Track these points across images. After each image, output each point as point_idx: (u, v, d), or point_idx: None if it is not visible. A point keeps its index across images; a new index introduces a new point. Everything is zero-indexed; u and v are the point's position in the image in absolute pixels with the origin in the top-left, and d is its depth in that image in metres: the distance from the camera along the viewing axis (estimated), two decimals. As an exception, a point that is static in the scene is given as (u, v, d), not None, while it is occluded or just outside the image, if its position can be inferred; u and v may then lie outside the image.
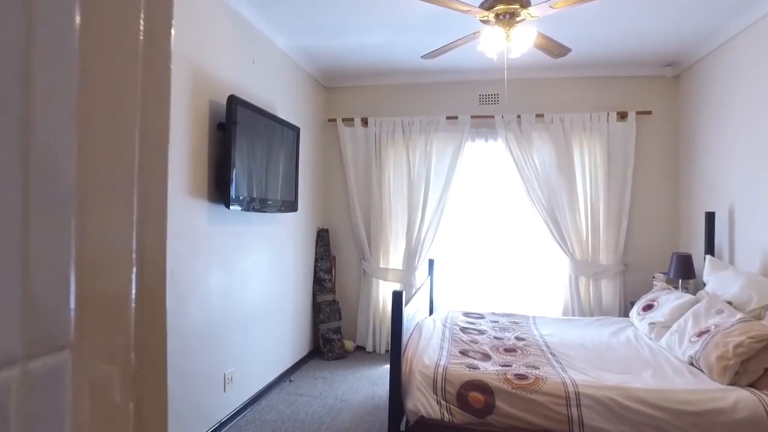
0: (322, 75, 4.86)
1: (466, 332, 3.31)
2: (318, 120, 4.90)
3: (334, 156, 5.09)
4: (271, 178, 3.61)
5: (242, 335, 3.41)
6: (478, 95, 4.81)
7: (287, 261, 4.19)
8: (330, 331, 4.71)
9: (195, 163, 2.87)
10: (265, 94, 3.73)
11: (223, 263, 3.16)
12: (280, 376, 4.01)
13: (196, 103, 2.88)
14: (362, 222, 4.91)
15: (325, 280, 4.81)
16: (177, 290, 2.71)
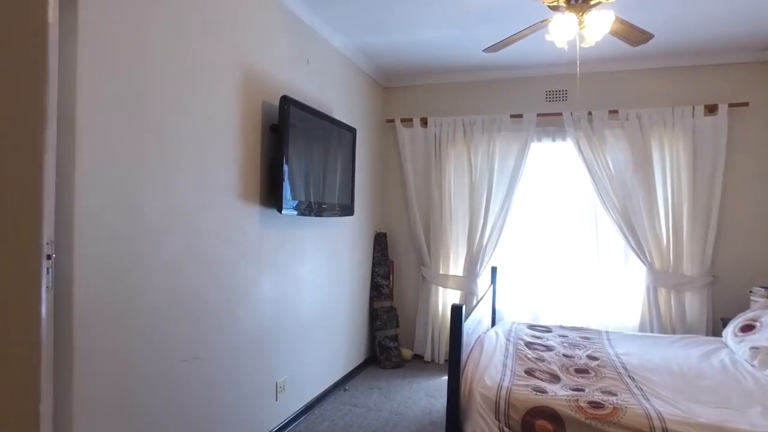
0: (380, 74, 4.70)
1: (531, 348, 3.01)
2: (376, 121, 4.74)
3: (393, 158, 4.92)
4: (327, 181, 3.48)
5: (296, 342, 3.29)
6: (544, 92, 4.46)
7: (343, 266, 4.06)
8: (387, 339, 4.53)
9: (247, 167, 2.78)
10: (320, 95, 3.62)
11: (275, 269, 3.06)
12: (335, 384, 3.88)
13: (248, 105, 2.79)
14: (421, 226, 4.70)
15: (383, 285, 4.63)
16: (228, 297, 2.63)
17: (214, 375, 2.53)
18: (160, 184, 2.18)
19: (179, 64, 2.29)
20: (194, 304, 2.39)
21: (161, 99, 2.19)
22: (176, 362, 2.28)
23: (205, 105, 2.46)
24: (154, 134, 2.15)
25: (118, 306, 1.99)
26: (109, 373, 1.95)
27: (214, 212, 2.52)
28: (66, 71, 1.81)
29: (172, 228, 2.25)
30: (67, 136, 1.81)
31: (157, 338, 2.17)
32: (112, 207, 1.95)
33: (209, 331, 2.49)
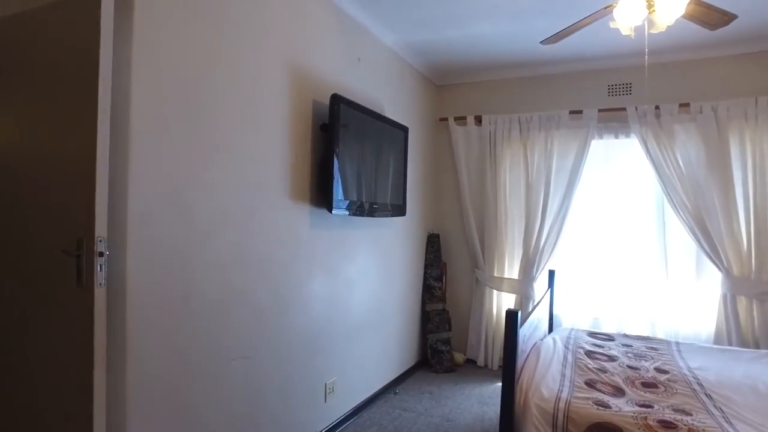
0: (432, 72, 4.58)
1: (592, 357, 2.80)
2: (428, 119, 4.63)
3: (446, 157, 4.78)
4: (378, 180, 3.41)
5: (346, 343, 3.24)
6: (606, 86, 4.19)
7: (395, 267, 3.98)
8: (439, 342, 4.41)
9: (297, 166, 2.76)
10: (371, 94, 3.55)
11: (326, 269, 3.02)
12: (385, 387, 3.80)
13: (298, 104, 2.77)
14: (475, 227, 4.54)
15: (435, 287, 4.51)
16: (279, 296, 2.61)
17: (264, 374, 2.51)
18: (210, 183, 2.18)
19: (230, 63, 2.29)
20: (244, 304, 2.38)
21: (212, 98, 2.19)
22: (226, 361, 2.28)
23: (256, 104, 2.45)
24: (204, 133, 2.16)
25: (170, 305, 2.00)
26: (161, 371, 1.97)
27: (264, 212, 2.51)
28: (121, 71, 1.83)
29: (222, 228, 2.25)
30: (121, 134, 1.83)
31: (208, 337, 2.18)
32: (163, 206, 1.97)
33: (259, 331, 2.48)
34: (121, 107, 1.83)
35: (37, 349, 1.85)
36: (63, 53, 1.81)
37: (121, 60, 1.83)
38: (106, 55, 1.69)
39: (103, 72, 1.68)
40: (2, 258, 1.98)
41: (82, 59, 1.70)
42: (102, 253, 1.66)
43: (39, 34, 1.91)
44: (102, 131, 1.68)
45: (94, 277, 1.64)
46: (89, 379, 1.66)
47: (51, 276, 1.78)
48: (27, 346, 1.89)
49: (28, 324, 1.89)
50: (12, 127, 2.01)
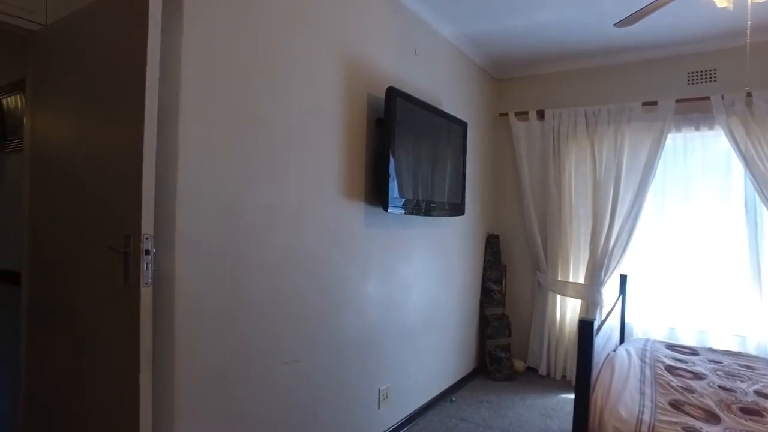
0: (491, 65, 4.33)
1: (675, 374, 2.48)
2: (487, 115, 4.37)
3: (506, 154, 4.51)
4: (435, 178, 3.22)
5: (400, 348, 3.07)
6: (685, 73, 3.78)
7: (452, 269, 3.77)
8: (498, 348, 4.15)
9: (351, 163, 2.62)
10: (428, 88, 3.37)
11: (381, 270, 2.87)
12: (441, 394, 3.60)
13: (353, 98, 2.63)
14: (538, 228, 4.24)
15: (495, 291, 4.26)
16: (332, 298, 2.48)
17: (316, 379, 2.39)
18: (260, 179, 2.08)
19: (282, 55, 2.18)
20: (295, 305, 2.26)
21: (263, 92, 2.09)
22: (277, 365, 2.17)
23: (309, 98, 2.33)
24: (255, 127, 2.05)
25: (218, 305, 1.91)
26: (210, 373, 1.87)
27: (317, 210, 2.39)
28: (171, 67, 1.75)
29: (272, 226, 2.14)
30: (170, 129, 1.75)
31: (258, 339, 2.07)
32: (212, 203, 1.87)
33: (311, 334, 2.36)
34: (170, 103, 1.75)
35: (87, 347, 1.80)
36: (112, 52, 1.75)
37: (171, 55, 1.75)
38: (154, 53, 1.60)
39: (150, 68, 1.60)
40: (57, 254, 1.97)
41: (130, 57, 1.64)
42: (148, 251, 1.57)
43: (89, 34, 1.87)
44: (149, 127, 1.59)
45: (140, 276, 1.56)
46: (135, 382, 1.58)
47: (101, 273, 1.72)
48: (77, 344, 1.85)
49: (79, 322, 1.85)
50: (65, 126, 1.99)
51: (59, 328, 1.95)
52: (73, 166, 1.91)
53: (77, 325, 1.85)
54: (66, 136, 1.98)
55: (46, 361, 2.02)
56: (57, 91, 2.03)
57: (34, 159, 2.12)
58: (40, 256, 2.07)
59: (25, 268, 2.13)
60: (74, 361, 1.86)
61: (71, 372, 1.88)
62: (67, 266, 1.90)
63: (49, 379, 2.00)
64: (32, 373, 2.09)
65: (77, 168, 1.89)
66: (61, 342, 1.94)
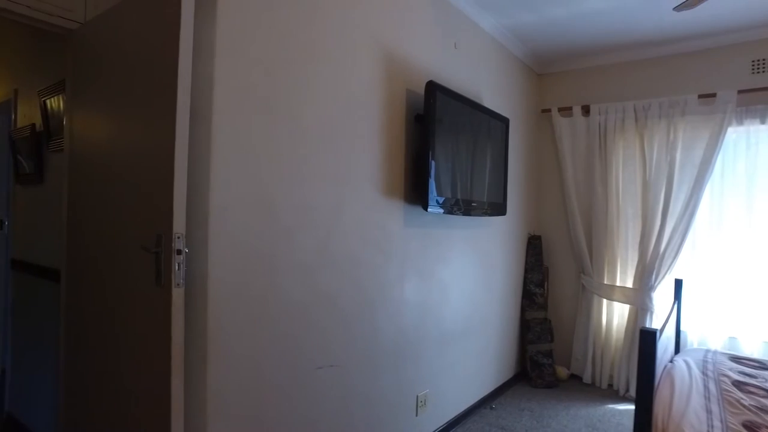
0: (533, 59, 4.12)
1: (744, 390, 2.24)
2: (529, 111, 4.17)
3: (548, 151, 4.29)
4: (476, 176, 3.06)
5: (439, 352, 2.93)
6: (749, 62, 3.47)
7: (492, 271, 3.59)
8: (540, 354, 3.94)
9: (389, 160, 2.49)
10: (468, 83, 3.21)
11: (418, 272, 2.73)
12: (481, 401, 3.43)
13: (392, 94, 2.50)
14: (582, 229, 4.01)
15: (536, 294, 4.05)
16: (368, 300, 2.36)
17: (351, 385, 2.28)
18: (295, 177, 1.98)
19: (317, 50, 2.08)
20: (330, 308, 2.16)
21: (298, 87, 1.99)
22: (311, 369, 2.07)
23: (345, 93, 2.22)
24: (289, 124, 1.96)
25: (252, 307, 1.82)
26: (242, 377, 1.79)
27: (353, 209, 2.27)
28: (204, 62, 1.67)
29: (308, 225, 2.04)
30: (204, 126, 1.67)
31: (291, 343, 1.97)
32: (245, 202, 1.79)
33: (346, 337, 2.25)
34: (204, 101, 1.67)
35: (119, 348, 1.75)
36: (144, 49, 1.69)
37: (204, 51, 1.67)
38: (186, 49, 1.52)
39: (182, 64, 1.52)
40: (93, 252, 1.92)
41: (162, 54, 1.56)
42: (180, 250, 1.49)
43: (122, 31, 1.82)
44: (181, 124, 1.52)
45: (172, 276, 1.49)
46: (167, 386, 1.51)
47: (134, 273, 1.66)
48: (110, 344, 1.80)
49: (113, 322, 1.79)
50: (101, 124, 1.94)
51: (94, 327, 1.91)
52: (108, 164, 1.86)
53: (111, 324, 1.79)
54: (101, 134, 1.93)
55: (82, 358, 1.98)
56: (93, 89, 1.99)
57: (72, 158, 2.09)
58: (77, 254, 2.03)
59: (64, 266, 2.10)
60: (107, 361, 1.81)
61: (105, 372, 1.83)
62: (102, 265, 1.85)
63: (84, 376, 1.96)
64: (69, 369, 2.06)
65: (112, 166, 1.84)
66: (95, 341, 1.89)
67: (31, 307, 2.81)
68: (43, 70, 2.76)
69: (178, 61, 1.51)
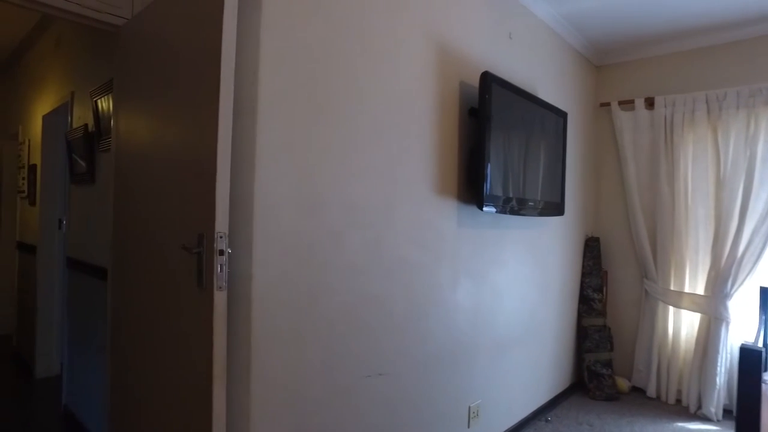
0: (591, 50, 3.84)
1: None
2: (586, 105, 3.88)
3: (607, 148, 3.99)
4: (533, 174, 2.84)
5: (492, 360, 2.73)
6: (844, 46, 3.07)
7: (548, 275, 3.34)
8: (598, 364, 3.65)
9: (443, 156, 2.32)
10: (523, 75, 2.99)
11: (471, 275, 2.54)
12: (535, 412, 3.19)
13: (444, 86, 2.33)
14: (645, 230, 3.68)
15: (594, 300, 3.76)
16: (419, 304, 2.20)
17: (400, 394, 2.12)
18: (344, 174, 1.84)
19: (366, 39, 1.93)
20: (380, 312, 2.01)
21: (347, 80, 1.85)
22: (359, 377, 1.92)
23: (396, 85, 2.07)
24: (338, 117, 1.82)
25: (298, 311, 1.69)
26: (288, 384, 1.66)
27: (404, 208, 2.11)
28: (249, 53, 1.56)
29: (356, 225, 1.90)
30: (248, 122, 1.56)
31: (338, 349, 1.84)
32: (291, 200, 1.66)
33: (396, 344, 2.09)
34: (248, 96, 1.56)
35: (162, 352, 1.66)
36: (186, 43, 1.60)
37: (249, 41, 1.56)
38: (229, 42, 1.41)
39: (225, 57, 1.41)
40: (138, 253, 1.85)
41: (205, 48, 1.46)
42: (222, 251, 1.38)
43: (165, 25, 1.73)
44: (224, 117, 1.40)
45: (213, 278, 1.37)
46: (208, 394, 1.40)
47: (176, 275, 1.57)
48: (152, 346, 1.72)
49: (155, 324, 1.71)
50: (144, 121, 1.87)
51: (137, 328, 1.84)
52: (152, 162, 1.79)
53: (154, 326, 1.71)
54: (145, 131, 1.86)
55: (127, 358, 1.92)
56: (137, 86, 1.93)
57: (118, 157, 2.04)
58: (122, 253, 1.98)
59: (110, 266, 2.05)
60: (151, 363, 1.73)
61: (148, 374, 1.75)
62: (146, 265, 1.78)
63: (129, 376, 1.90)
64: (115, 368, 2.00)
65: (156, 164, 1.76)
66: (139, 342, 1.82)
67: (85, 305, 2.81)
68: (96, 71, 2.76)
69: (221, 51, 1.41)
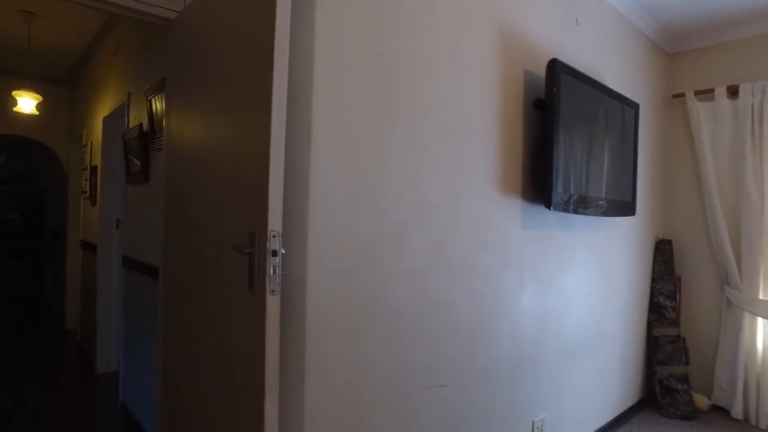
0: (663, 36, 3.51)
1: None
2: (656, 96, 3.55)
3: (680, 142, 3.64)
4: (602, 171, 2.58)
5: (557, 371, 2.50)
6: None
7: (615, 279, 3.06)
8: (672, 378, 3.32)
9: (507, 151, 2.13)
10: (589, 64, 2.73)
11: (537, 279, 2.33)
12: (603, 428, 2.92)
13: (508, 74, 2.14)
14: (726, 232, 3.32)
15: (666, 307, 3.43)
16: (482, 311, 2.01)
17: (461, 408, 1.94)
18: (404, 169, 1.69)
19: (427, 23, 1.77)
20: (442, 318, 1.84)
21: (404, 68, 1.70)
22: (419, 389, 1.76)
23: (457, 75, 1.89)
24: (397, 108, 1.67)
25: (355, 317, 1.55)
26: (343, 396, 1.52)
27: (468, 207, 1.94)
28: (303, 35, 1.44)
29: (418, 224, 1.74)
30: (303, 111, 1.43)
31: (397, 358, 1.68)
32: (349, 196, 1.52)
33: (459, 353, 1.91)
34: (303, 83, 1.44)
35: (212, 357, 1.55)
36: (237, 35, 1.48)
37: (303, 26, 1.44)
38: (283, 24, 1.29)
39: (278, 39, 1.28)
40: (188, 253, 1.77)
41: (256, 34, 1.35)
42: (276, 251, 1.25)
43: (215, 16, 1.63)
44: (277, 106, 1.28)
45: (266, 281, 1.25)
46: (260, 407, 1.28)
47: (226, 276, 1.46)
48: (202, 351, 1.62)
49: (203, 327, 1.61)
50: (194, 115, 1.78)
51: (187, 329, 1.75)
52: (204, 157, 1.69)
53: (203, 328, 1.61)
54: (196, 126, 1.77)
55: (177, 359, 1.83)
56: (188, 81, 1.84)
57: (169, 155, 1.97)
58: (173, 253, 1.90)
59: (161, 266, 1.99)
60: (201, 366, 1.63)
61: (197, 378, 1.66)
62: (196, 265, 1.69)
63: (179, 378, 1.81)
64: (166, 369, 1.93)
65: (206, 160, 1.66)
66: (189, 344, 1.73)
67: (139, 304, 2.80)
68: (151, 71, 2.74)
69: (274, 35, 1.28)
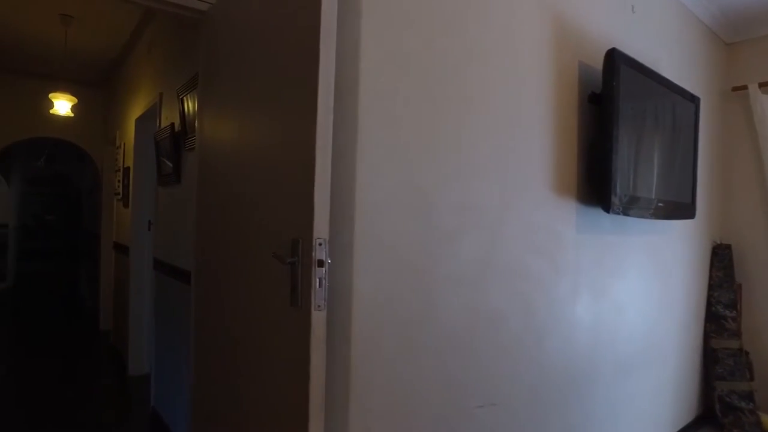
0: (723, 24, 3.25)
1: None
2: (715, 89, 3.29)
3: (741, 138, 3.37)
4: (661, 171, 2.38)
5: (610, 386, 2.31)
6: None
7: (669, 287, 2.83)
8: (734, 395, 3.06)
9: (560, 150, 1.96)
10: (646, 55, 2.52)
11: (591, 287, 2.15)
12: (660, 449, 2.71)
13: (561, 67, 1.97)
14: (794, 236, 3.06)
15: (726, 318, 3.17)
16: (535, 323, 1.86)
17: (515, 427, 1.78)
18: (454, 170, 1.54)
19: (477, 19, 1.63)
20: (494, 331, 1.69)
21: (454, 59, 1.56)
22: (469, 408, 1.62)
23: (508, 68, 1.74)
24: (446, 105, 1.53)
25: (402, 331, 1.41)
26: (390, 417, 1.39)
27: (520, 210, 1.78)
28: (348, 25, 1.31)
29: (467, 229, 1.59)
30: (349, 107, 1.30)
31: (447, 375, 1.54)
32: (396, 200, 1.39)
33: (510, 369, 1.76)
34: (349, 76, 1.31)
35: (247, 375, 1.43)
36: (278, 27, 1.36)
37: (347, 15, 1.31)
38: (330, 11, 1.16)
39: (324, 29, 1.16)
40: (221, 259, 1.66)
41: (299, 25, 1.22)
42: (322, 261, 1.13)
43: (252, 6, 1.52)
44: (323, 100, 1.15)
45: (311, 295, 1.12)
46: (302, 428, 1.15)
47: (265, 288, 1.33)
48: (237, 365, 1.50)
49: (238, 341, 1.49)
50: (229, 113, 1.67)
51: (220, 340, 1.64)
52: (239, 158, 1.58)
53: (238, 343, 1.50)
54: (230, 125, 1.66)
55: (209, 370, 1.73)
56: (222, 78, 1.73)
57: (202, 155, 1.87)
58: (206, 258, 1.80)
59: (193, 272, 1.89)
60: (235, 382, 1.52)
61: (232, 394, 1.55)
62: (230, 273, 1.58)
63: (211, 389, 1.71)
64: (198, 379, 1.83)
65: (244, 160, 1.54)
66: (222, 356, 1.62)
67: (171, 307, 2.73)
68: (183, 69, 2.66)
69: (319, 25, 1.16)
